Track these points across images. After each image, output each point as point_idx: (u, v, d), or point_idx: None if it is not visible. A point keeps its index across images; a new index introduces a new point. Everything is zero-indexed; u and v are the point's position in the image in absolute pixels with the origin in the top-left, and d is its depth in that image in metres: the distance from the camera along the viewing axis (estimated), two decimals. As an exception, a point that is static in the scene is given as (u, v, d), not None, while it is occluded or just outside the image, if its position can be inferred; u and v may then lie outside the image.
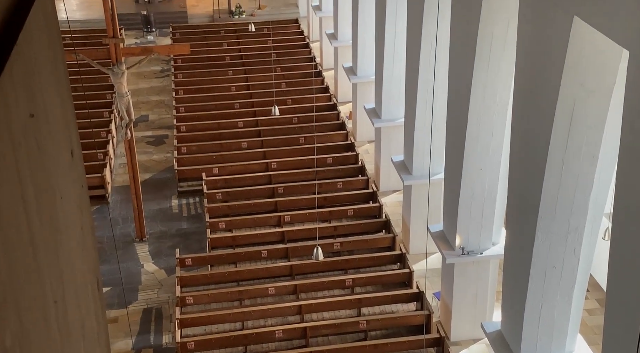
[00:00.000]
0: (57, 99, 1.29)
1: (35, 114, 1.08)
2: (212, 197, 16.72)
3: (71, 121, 1.42)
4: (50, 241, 1.09)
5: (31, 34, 1.09)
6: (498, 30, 10.32)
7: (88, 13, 27.21)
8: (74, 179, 1.37)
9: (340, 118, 19.85)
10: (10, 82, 0.94)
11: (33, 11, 1.11)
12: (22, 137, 0.99)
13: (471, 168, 11.54)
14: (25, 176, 0.98)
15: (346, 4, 20.27)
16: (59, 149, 1.27)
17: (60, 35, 1.40)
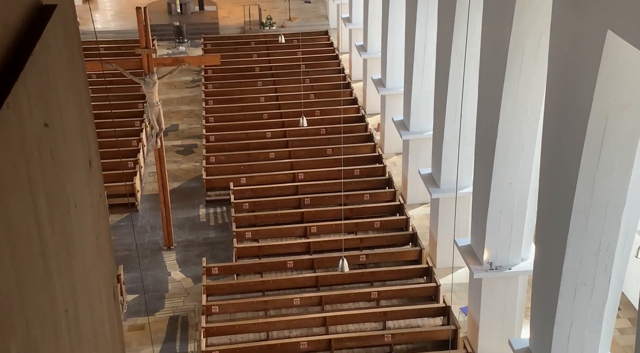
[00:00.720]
0: (74, 109, 1.30)
1: (50, 124, 1.09)
2: (239, 207, 16.80)
3: (90, 131, 1.43)
4: (62, 251, 1.09)
5: (48, 45, 1.10)
6: (529, 43, 10.21)
7: (122, 24, 27.74)
8: (91, 189, 1.37)
9: (368, 130, 19.82)
10: (24, 92, 0.95)
11: (51, 22, 1.12)
12: (36, 147, 1.00)
13: (500, 182, 11.39)
14: (38, 186, 0.98)
15: (376, 17, 20.29)
16: (75, 159, 1.28)
17: (80, 46, 1.41)
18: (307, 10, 29.66)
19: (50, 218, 1.04)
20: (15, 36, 1.00)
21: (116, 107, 21.16)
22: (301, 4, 29.77)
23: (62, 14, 1.25)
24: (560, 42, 8.68)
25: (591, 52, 7.92)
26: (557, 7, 8.74)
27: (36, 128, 1.00)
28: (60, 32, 1.21)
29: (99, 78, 22.41)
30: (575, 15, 8.26)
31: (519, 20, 10.07)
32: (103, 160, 17.69)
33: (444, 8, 13.68)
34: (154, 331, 13.75)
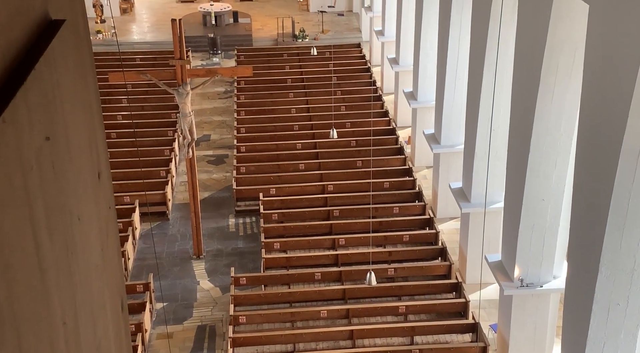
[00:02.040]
0: (83, 122, 1.31)
1: (53, 138, 1.09)
2: (268, 217, 16.85)
3: (100, 143, 1.44)
4: (62, 264, 1.09)
5: (54, 59, 1.11)
6: (564, 58, 10.05)
7: (158, 35, 28.25)
8: (98, 201, 1.38)
9: (399, 143, 19.72)
10: (24, 106, 0.96)
11: (59, 36, 1.13)
12: (35, 160, 1.00)
13: (532, 197, 11.19)
14: (37, 199, 0.99)
15: (409, 30, 20.25)
16: (81, 172, 1.29)
17: (92, 59, 1.43)
18: (340, 23, 29.78)
19: (50, 231, 1.05)
20: (19, 51, 1.02)
21: (150, 117, 21.51)
22: (334, 17, 29.92)
23: (73, 28, 1.26)
24: (595, 58, 8.53)
25: (627, 68, 7.75)
26: (592, 22, 8.60)
27: (36, 142, 1.01)
28: (69, 47, 1.22)
29: (134, 88, 22.86)
30: (611, 30, 8.11)
31: (553, 35, 9.93)
32: (136, 169, 18.02)
33: (477, 22, 13.58)
34: (181, 340, 13.84)
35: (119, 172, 18.42)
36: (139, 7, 31.56)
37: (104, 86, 22.33)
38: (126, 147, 19.24)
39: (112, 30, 28.00)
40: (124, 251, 15.40)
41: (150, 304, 14.24)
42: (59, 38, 1.13)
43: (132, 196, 17.19)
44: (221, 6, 29.64)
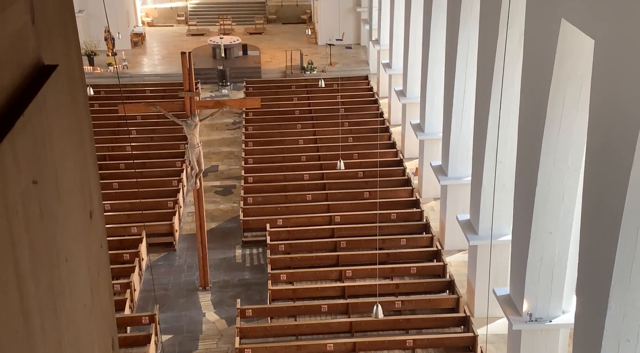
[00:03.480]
0: (74, 163, 1.32)
1: (41, 181, 1.10)
2: (275, 248, 16.80)
3: (93, 183, 1.45)
4: (47, 306, 1.09)
5: (45, 104, 1.13)
6: (570, 92, 10.08)
7: (168, 67, 28.63)
8: (89, 240, 1.38)
9: (406, 174, 19.72)
10: (10, 151, 0.97)
11: (51, 81, 1.15)
12: (21, 204, 1.01)
13: (540, 231, 11.11)
14: (22, 242, 0.99)
15: (416, 62, 20.43)
16: (71, 212, 1.29)
17: (87, 102, 1.45)
18: (348, 56, 30.10)
19: (35, 274, 1.04)
20: (9, 96, 1.03)
21: (159, 147, 21.67)
22: (342, 50, 30.26)
23: (67, 72, 1.28)
24: (601, 91, 8.55)
25: (633, 101, 7.76)
26: (598, 56, 8.64)
27: (23, 186, 1.01)
28: (62, 91, 1.24)
29: (144, 119, 23.09)
30: (617, 64, 8.14)
31: (559, 69, 9.98)
32: (144, 199, 18.08)
33: (483, 54, 13.68)
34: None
35: (126, 203, 18.47)
36: (150, 40, 32.07)
37: (113, 117, 22.58)
38: (134, 178, 19.35)
39: (123, 62, 28.41)
40: (129, 283, 15.35)
41: (156, 336, 14.12)
42: (51, 83, 1.15)
43: (139, 227, 17.20)
44: (231, 39, 30.07)
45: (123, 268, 15.89)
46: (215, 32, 32.40)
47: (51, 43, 1.21)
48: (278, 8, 34.79)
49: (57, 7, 1.27)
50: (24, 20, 1.08)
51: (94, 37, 28.32)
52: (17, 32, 1.05)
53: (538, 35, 10.61)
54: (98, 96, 24.68)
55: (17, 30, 1.05)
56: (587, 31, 8.99)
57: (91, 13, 28.68)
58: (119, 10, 29.52)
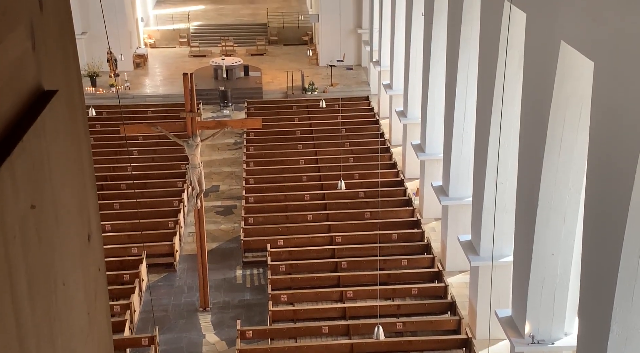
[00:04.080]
0: (73, 188, 1.32)
1: (39, 205, 1.10)
2: (276, 269, 16.72)
3: (91, 206, 1.45)
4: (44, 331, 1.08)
5: (44, 129, 1.13)
6: (570, 114, 10.11)
7: (170, 88, 28.79)
8: (87, 264, 1.38)
9: (407, 195, 19.70)
10: (9, 176, 0.97)
11: (50, 107, 1.16)
12: (18, 229, 1.01)
13: (542, 252, 11.06)
14: (19, 268, 0.99)
15: (416, 83, 20.53)
16: (69, 236, 1.29)
17: (86, 126, 1.45)
18: (349, 77, 30.27)
19: (31, 299, 1.04)
20: (8, 122, 1.04)
21: (160, 168, 21.69)
22: (343, 71, 30.44)
23: (67, 97, 1.29)
24: (601, 113, 8.57)
25: (633, 123, 7.77)
26: (598, 78, 8.68)
27: (21, 210, 1.01)
28: (61, 116, 1.24)
29: (145, 140, 23.15)
30: (616, 86, 8.18)
31: (559, 90, 10.02)
32: (144, 220, 18.06)
33: (483, 75, 13.76)
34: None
35: (127, 223, 18.44)
36: (152, 62, 32.29)
37: (115, 138, 22.64)
38: (135, 198, 19.34)
39: (126, 83, 28.57)
40: (129, 304, 15.26)
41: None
42: (51, 108, 1.15)
43: (139, 247, 17.16)
44: (232, 60, 30.27)
45: (123, 289, 15.81)
46: (217, 53, 32.64)
47: (51, 68, 1.22)
48: (279, 30, 35.08)
49: (58, 33, 1.28)
50: (24, 47, 1.09)
51: (97, 59, 28.52)
52: (18, 59, 1.06)
53: (538, 57, 10.68)
54: (100, 116, 24.78)
55: (17, 57, 1.06)
56: (587, 53, 9.04)
57: (94, 34, 28.92)
58: (121, 32, 29.77)
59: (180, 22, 35.45)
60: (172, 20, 35.61)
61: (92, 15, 28.35)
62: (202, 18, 36.71)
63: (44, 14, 1.19)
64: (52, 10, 1.24)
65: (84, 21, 28.94)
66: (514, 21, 11.17)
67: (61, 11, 1.30)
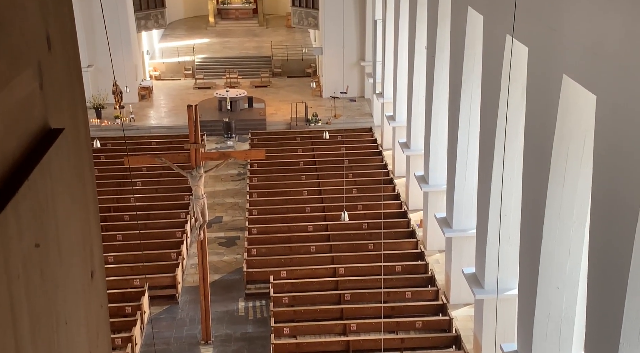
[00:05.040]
0: (77, 225, 1.32)
1: (43, 244, 1.10)
2: (279, 301, 16.58)
3: (95, 242, 1.44)
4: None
5: (50, 168, 1.14)
6: (573, 147, 10.13)
7: (174, 120, 28.99)
8: (89, 301, 1.37)
9: (411, 226, 19.63)
10: (14, 216, 0.97)
11: (56, 145, 1.16)
12: (22, 268, 1.00)
13: (547, 285, 10.95)
14: (22, 307, 0.98)
15: (420, 115, 20.65)
16: (72, 274, 1.28)
17: (91, 164, 1.46)
18: (352, 108, 30.47)
19: (34, 338, 1.03)
20: (14, 161, 1.04)
21: (163, 199, 21.71)
22: (346, 102, 30.66)
23: (73, 135, 1.29)
24: (604, 146, 8.58)
25: (637, 156, 7.77)
26: (600, 112, 8.72)
27: (25, 250, 1.01)
28: (67, 154, 1.25)
29: (149, 171, 23.22)
30: (619, 119, 8.20)
31: (562, 123, 10.06)
32: (147, 251, 17.99)
33: (486, 107, 13.83)
34: None
35: (129, 255, 18.38)
36: (157, 93, 32.59)
37: (119, 169, 22.73)
38: (138, 229, 19.31)
39: (130, 115, 28.80)
40: (131, 336, 15.11)
41: (155, 392, 13.78)
42: (57, 146, 1.16)
43: (142, 279, 17.06)
44: (237, 92, 30.54)
45: (125, 322, 15.67)
46: (222, 85, 32.95)
47: (58, 107, 1.23)
48: (283, 62, 35.46)
49: (65, 71, 1.29)
50: (32, 87, 1.10)
51: (102, 91, 28.81)
52: (25, 99, 1.07)
53: (540, 90, 10.75)
54: (105, 148, 24.91)
55: (25, 97, 1.07)
56: (589, 87, 9.10)
57: (100, 67, 29.28)
58: (127, 65, 30.13)
59: (185, 55, 35.89)
60: (178, 53, 36.05)
61: (99, 48, 28.74)
62: (207, 51, 37.17)
63: (52, 54, 1.21)
64: (60, 50, 1.26)
65: (90, 54, 29.31)
66: (516, 54, 11.28)
67: (69, 50, 1.32)
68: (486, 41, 13.77)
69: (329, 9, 30.47)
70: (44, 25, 1.17)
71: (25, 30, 1.09)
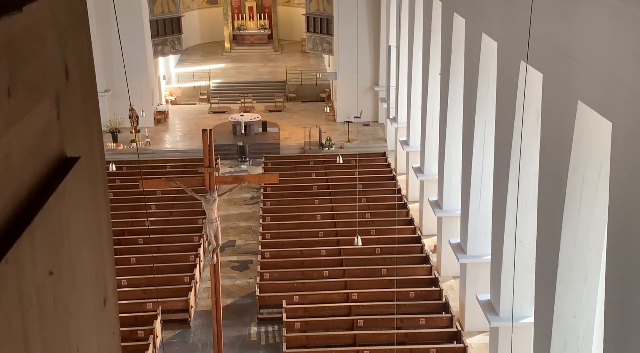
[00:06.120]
0: (90, 252, 1.33)
1: (57, 272, 1.11)
2: (291, 326, 16.45)
3: (108, 269, 1.45)
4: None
5: (65, 196, 1.15)
6: (589, 173, 10.04)
7: (189, 144, 29.21)
8: (101, 329, 1.37)
9: (424, 251, 19.48)
10: (29, 244, 0.98)
11: (72, 173, 1.18)
12: (35, 296, 1.01)
13: (563, 314, 10.78)
14: (34, 335, 0.98)
15: (433, 140, 20.64)
16: (85, 301, 1.29)
17: (106, 191, 1.47)
18: (366, 133, 30.54)
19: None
20: (31, 190, 1.05)
21: (177, 222, 21.76)
22: (360, 127, 30.74)
23: (88, 163, 1.31)
24: (621, 173, 8.51)
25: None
26: (616, 138, 8.66)
27: (39, 278, 1.02)
28: (82, 182, 1.26)
29: (164, 194, 23.35)
30: (635, 146, 8.14)
31: (577, 149, 10.00)
32: (160, 275, 17.99)
33: (501, 132, 13.80)
34: None
35: (142, 278, 18.38)
36: (172, 118, 32.91)
37: (134, 192, 22.87)
38: (152, 252, 19.34)
39: (146, 139, 29.08)
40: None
41: None
42: (73, 175, 1.17)
43: (154, 303, 17.03)
44: (251, 116, 30.77)
45: (137, 346, 15.61)
46: (237, 109, 33.22)
47: (74, 136, 1.24)
48: (298, 87, 35.74)
49: (82, 100, 1.31)
50: (49, 116, 1.12)
51: (119, 115, 29.16)
52: (43, 128, 1.09)
53: (555, 116, 10.71)
54: (120, 171, 25.11)
55: (42, 126, 1.09)
56: (604, 113, 9.06)
57: (117, 92, 29.67)
58: (144, 90, 30.52)
59: (201, 80, 36.29)
60: (193, 78, 36.48)
61: (116, 73, 29.17)
62: (222, 76, 37.57)
63: (69, 84, 1.23)
64: (77, 79, 1.28)
65: (108, 79, 29.75)
66: (531, 80, 11.28)
67: (86, 79, 1.34)
68: (500, 67, 13.79)
69: (343, 35, 30.76)
70: (62, 56, 1.19)
71: (45, 62, 1.11)
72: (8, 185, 0.99)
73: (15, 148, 1.00)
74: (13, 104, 0.98)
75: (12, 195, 0.98)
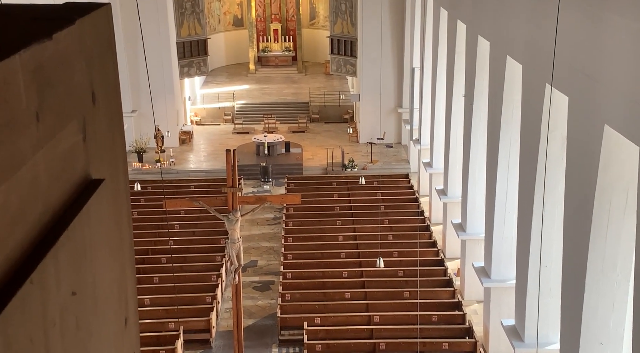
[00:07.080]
0: (113, 272, 1.35)
1: (80, 292, 1.12)
2: (312, 348, 16.34)
3: (130, 289, 1.46)
4: None
5: (89, 217, 1.17)
6: (616, 199, 9.89)
7: (213, 164, 29.47)
8: (122, 348, 1.38)
9: (448, 275, 19.27)
10: (53, 266, 1.00)
11: (96, 195, 1.20)
12: (59, 317, 1.02)
13: (590, 341, 10.54)
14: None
15: (457, 162, 20.53)
16: (106, 321, 1.30)
17: (129, 209, 1.49)
18: (389, 154, 30.51)
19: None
20: (55, 212, 1.08)
21: (200, 242, 21.88)
22: (383, 148, 30.73)
23: (112, 185, 1.33)
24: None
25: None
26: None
27: (62, 298, 1.03)
28: (106, 203, 1.28)
29: (187, 214, 23.52)
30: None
31: (604, 174, 9.86)
32: (182, 294, 18.03)
33: (526, 156, 13.68)
34: None
35: (165, 297, 18.46)
36: (197, 138, 33.28)
37: (158, 212, 23.08)
38: (174, 272, 19.44)
39: (171, 159, 29.42)
40: (162, 380, 15.03)
41: None
42: (97, 197, 1.20)
43: (176, 322, 17.07)
44: (274, 137, 30.98)
45: (157, 365, 15.63)
46: (260, 130, 33.49)
47: (99, 158, 1.27)
48: (321, 108, 35.94)
49: (107, 125, 1.35)
50: (76, 139, 1.15)
51: (145, 135, 29.57)
52: (69, 150, 1.12)
53: (581, 140, 10.60)
54: (145, 191, 25.39)
55: (69, 149, 1.12)
56: (631, 138, 8.94)
57: (143, 113, 30.14)
58: (169, 110, 30.97)
59: (225, 101, 36.72)
60: (218, 98, 36.92)
61: (143, 94, 29.64)
62: (246, 97, 37.97)
63: (96, 108, 1.26)
64: (104, 104, 1.31)
65: (135, 100, 30.25)
66: (556, 103, 11.20)
67: (112, 104, 1.38)
68: (525, 90, 13.73)
69: (367, 57, 30.94)
70: (89, 81, 1.22)
71: (72, 87, 1.14)
72: (34, 206, 1.02)
73: (42, 170, 1.02)
74: (41, 128, 1.01)
75: (38, 216, 1.01)
